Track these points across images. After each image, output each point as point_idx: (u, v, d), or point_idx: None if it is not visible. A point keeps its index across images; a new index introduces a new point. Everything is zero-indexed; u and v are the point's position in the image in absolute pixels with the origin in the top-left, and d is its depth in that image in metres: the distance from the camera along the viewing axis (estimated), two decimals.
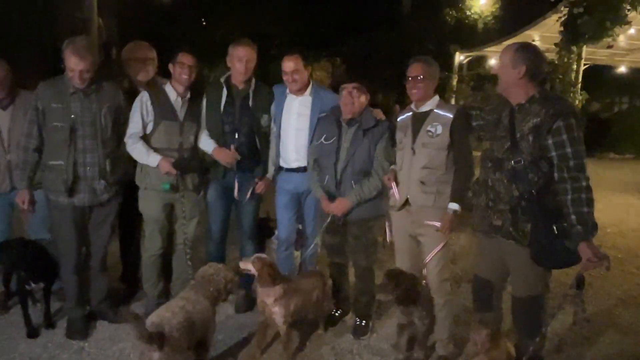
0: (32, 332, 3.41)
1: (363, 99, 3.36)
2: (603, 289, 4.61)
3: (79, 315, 3.48)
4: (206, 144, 3.59)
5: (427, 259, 3.18)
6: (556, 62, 6.58)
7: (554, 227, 2.55)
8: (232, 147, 3.55)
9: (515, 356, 2.74)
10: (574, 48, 6.50)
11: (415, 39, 14.30)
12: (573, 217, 2.51)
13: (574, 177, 2.52)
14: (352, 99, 3.34)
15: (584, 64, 7.54)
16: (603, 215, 7.07)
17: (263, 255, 3.28)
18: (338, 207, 3.40)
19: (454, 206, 3.05)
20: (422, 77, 3.09)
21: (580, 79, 6.67)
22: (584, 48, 6.74)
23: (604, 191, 8.29)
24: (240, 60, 3.51)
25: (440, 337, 3.28)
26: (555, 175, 2.57)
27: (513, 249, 2.75)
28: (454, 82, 10.51)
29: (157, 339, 2.46)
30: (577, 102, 6.55)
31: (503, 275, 2.94)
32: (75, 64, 3.13)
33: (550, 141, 2.55)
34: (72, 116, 3.21)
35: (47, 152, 3.27)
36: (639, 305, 4.30)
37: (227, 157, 3.56)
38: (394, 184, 3.23)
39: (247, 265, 3.17)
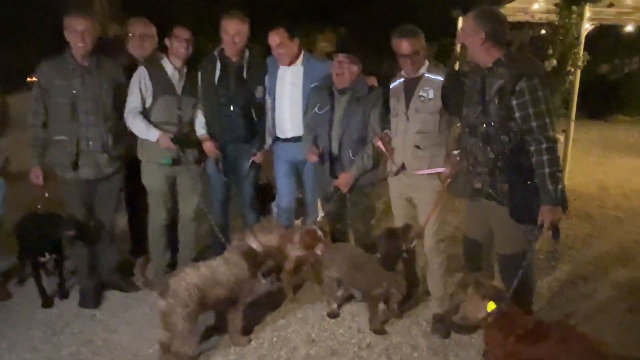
0: (47, 302, 3.58)
1: (355, 68, 3.41)
2: (602, 248, 4.69)
3: (91, 286, 3.63)
4: (199, 130, 3.70)
5: (424, 221, 3.25)
6: (557, 23, 6.49)
7: (529, 184, 2.61)
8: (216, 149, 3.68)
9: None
10: (575, 8, 6.39)
11: (418, 5, 14.11)
12: (537, 179, 2.59)
13: (536, 139, 2.57)
14: (343, 69, 3.39)
15: (592, 24, 7.40)
16: (608, 176, 7.12)
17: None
18: (342, 182, 3.49)
19: None
20: (411, 52, 3.09)
21: (582, 40, 6.57)
22: (587, 7, 6.61)
23: (611, 153, 8.26)
24: (228, 34, 3.55)
25: (436, 295, 3.39)
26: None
27: (494, 209, 2.84)
28: (458, 48, 10.37)
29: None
30: (579, 64, 6.48)
31: (490, 236, 3.02)
32: (76, 23, 3.26)
33: (514, 102, 2.60)
34: (74, 92, 3.31)
35: (52, 128, 3.39)
36: (635, 262, 4.38)
37: (210, 149, 3.67)
38: (380, 144, 3.30)
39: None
